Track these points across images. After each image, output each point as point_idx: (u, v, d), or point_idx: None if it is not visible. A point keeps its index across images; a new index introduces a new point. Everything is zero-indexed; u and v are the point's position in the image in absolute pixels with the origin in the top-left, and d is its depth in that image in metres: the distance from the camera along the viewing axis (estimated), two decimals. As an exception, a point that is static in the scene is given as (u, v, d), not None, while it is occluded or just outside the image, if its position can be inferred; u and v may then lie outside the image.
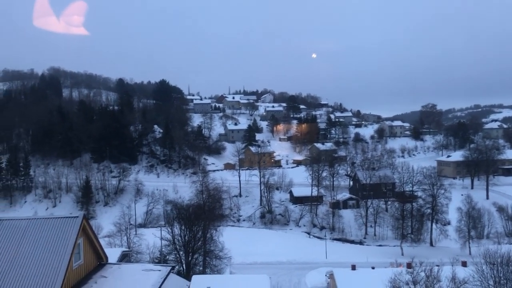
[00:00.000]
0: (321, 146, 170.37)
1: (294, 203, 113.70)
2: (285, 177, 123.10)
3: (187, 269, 57.45)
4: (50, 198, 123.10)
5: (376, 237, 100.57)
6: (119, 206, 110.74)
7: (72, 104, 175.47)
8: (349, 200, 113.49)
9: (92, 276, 22.32)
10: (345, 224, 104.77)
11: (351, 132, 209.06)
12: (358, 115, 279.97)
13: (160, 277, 21.98)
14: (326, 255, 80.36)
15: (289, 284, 64.46)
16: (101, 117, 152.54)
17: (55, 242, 20.74)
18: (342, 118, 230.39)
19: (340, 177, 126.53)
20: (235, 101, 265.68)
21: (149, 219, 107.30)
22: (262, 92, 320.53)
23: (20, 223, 22.25)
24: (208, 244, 62.60)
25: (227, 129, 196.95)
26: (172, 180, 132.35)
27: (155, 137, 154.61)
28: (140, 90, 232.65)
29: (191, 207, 68.93)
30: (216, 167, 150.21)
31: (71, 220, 21.71)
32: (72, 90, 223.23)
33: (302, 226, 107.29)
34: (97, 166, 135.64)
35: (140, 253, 63.81)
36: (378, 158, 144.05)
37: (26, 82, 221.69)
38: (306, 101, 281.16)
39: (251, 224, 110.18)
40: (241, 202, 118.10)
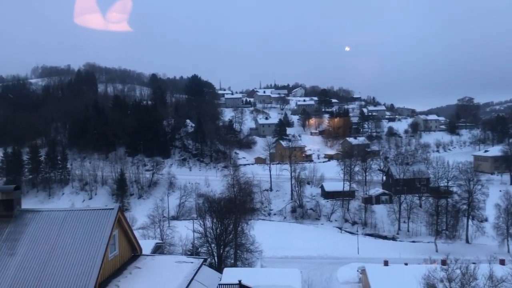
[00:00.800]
0: (354, 141, 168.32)
1: (326, 198, 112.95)
2: (316, 172, 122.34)
3: (219, 262, 58.08)
4: (86, 191, 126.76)
5: (409, 233, 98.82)
6: (152, 198, 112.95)
7: (107, 99, 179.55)
8: (382, 195, 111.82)
9: (126, 267, 22.81)
10: (378, 220, 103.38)
11: (384, 126, 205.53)
12: (392, 109, 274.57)
13: (192, 269, 22.26)
14: (358, 251, 79.63)
15: (320, 278, 64.20)
16: (135, 112, 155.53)
17: (91, 233, 21.29)
18: (375, 112, 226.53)
19: (373, 172, 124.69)
20: (266, 95, 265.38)
21: (182, 212, 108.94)
22: (293, 86, 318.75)
23: (58, 214, 22.92)
24: (239, 237, 63.06)
25: (258, 123, 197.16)
26: (204, 173, 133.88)
27: (187, 132, 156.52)
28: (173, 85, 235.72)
29: (223, 201, 69.57)
30: (246, 161, 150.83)
31: (107, 212, 22.21)
32: (107, 85, 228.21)
33: (333, 221, 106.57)
34: (132, 159, 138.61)
35: (173, 245, 64.91)
36: (412, 153, 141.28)
37: (63, 78, 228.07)
38: (338, 95, 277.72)
39: (282, 218, 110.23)
40: (272, 196, 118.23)
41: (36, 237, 21.47)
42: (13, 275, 19.84)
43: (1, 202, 22.70)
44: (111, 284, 20.55)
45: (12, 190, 23.15)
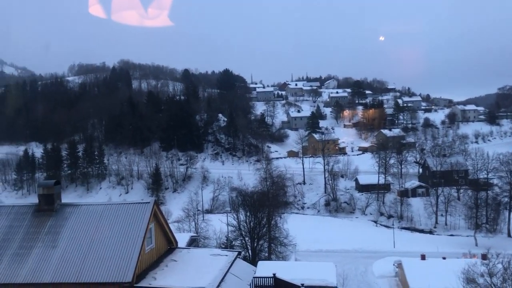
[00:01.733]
0: (388, 133, 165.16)
1: (360, 191, 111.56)
2: (350, 165, 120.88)
3: (253, 255, 58.31)
4: (122, 185, 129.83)
5: (447, 226, 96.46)
6: (187, 192, 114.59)
7: (141, 95, 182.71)
8: (418, 188, 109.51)
9: (163, 260, 23.21)
10: (414, 213, 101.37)
11: (420, 118, 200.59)
12: (428, 99, 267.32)
13: (227, 262, 22.43)
14: (394, 244, 78.31)
15: (355, 272, 63.47)
16: (168, 107, 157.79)
17: (129, 227, 21.74)
18: (411, 103, 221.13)
19: (409, 164, 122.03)
20: (298, 88, 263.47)
21: (215, 205, 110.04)
22: (325, 78, 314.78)
23: (97, 208, 23.53)
24: (273, 230, 63.04)
25: (290, 116, 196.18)
26: (237, 167, 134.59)
27: (220, 126, 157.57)
28: (205, 80, 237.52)
29: (256, 194, 69.70)
30: (279, 154, 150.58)
31: (143, 205, 22.63)
32: (141, 81, 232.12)
33: (368, 215, 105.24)
34: (166, 154, 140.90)
35: (207, 238, 65.59)
36: (450, 144, 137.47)
37: (99, 75, 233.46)
38: (372, 86, 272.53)
39: (316, 211, 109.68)
40: (305, 189, 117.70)
41: (76, 230, 22.12)
42: (55, 266, 20.52)
43: (43, 197, 23.49)
44: (148, 276, 20.93)
45: (53, 185, 23.90)
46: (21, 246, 21.62)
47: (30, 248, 21.43)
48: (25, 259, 21.00)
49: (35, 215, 23.12)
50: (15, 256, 21.17)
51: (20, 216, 23.19)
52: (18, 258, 21.06)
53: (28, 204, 24.82)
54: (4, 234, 22.21)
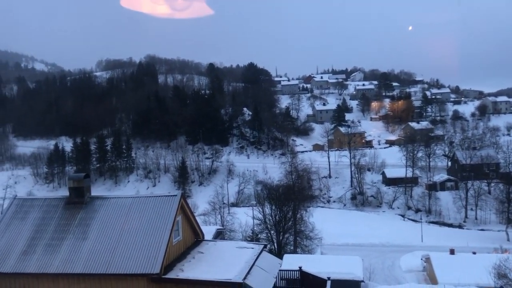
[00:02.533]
0: (416, 125, 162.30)
1: (387, 185, 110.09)
2: (377, 158, 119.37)
3: (278, 248, 58.40)
4: (150, 178, 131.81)
5: (477, 221, 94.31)
6: (212, 185, 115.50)
7: (167, 90, 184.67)
8: (447, 181, 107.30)
9: (190, 252, 23.44)
10: (443, 207, 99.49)
11: (449, 110, 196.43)
12: (457, 91, 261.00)
13: (253, 254, 22.48)
14: (422, 238, 77.08)
15: (382, 266, 62.83)
16: (194, 101, 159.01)
17: (156, 219, 22.04)
18: (439, 95, 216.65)
19: (437, 157, 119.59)
20: (323, 81, 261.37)
21: (241, 199, 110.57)
22: (351, 70, 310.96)
23: (125, 201, 23.92)
24: (299, 224, 62.94)
25: (315, 109, 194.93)
26: (262, 161, 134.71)
27: (245, 120, 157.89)
28: (230, 74, 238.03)
29: (281, 188, 69.66)
30: (304, 148, 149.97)
31: (170, 198, 22.88)
32: (167, 76, 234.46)
33: (395, 208, 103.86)
34: (192, 148, 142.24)
35: (233, 231, 66.02)
36: (480, 137, 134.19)
37: (126, 70, 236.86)
38: (399, 78, 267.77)
39: (342, 205, 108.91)
40: (331, 183, 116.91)
41: (105, 223, 22.56)
42: (86, 257, 20.99)
43: (73, 190, 24.02)
44: (175, 268, 21.19)
45: (83, 178, 24.41)
46: (53, 237, 22.21)
47: (61, 240, 21.99)
48: (57, 250, 21.56)
49: (66, 207, 23.68)
50: (47, 247, 21.76)
51: (52, 208, 23.79)
52: (51, 249, 21.64)
53: (59, 196, 25.45)
54: (37, 226, 22.86)
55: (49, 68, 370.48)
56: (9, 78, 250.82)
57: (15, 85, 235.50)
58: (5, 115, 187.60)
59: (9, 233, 22.64)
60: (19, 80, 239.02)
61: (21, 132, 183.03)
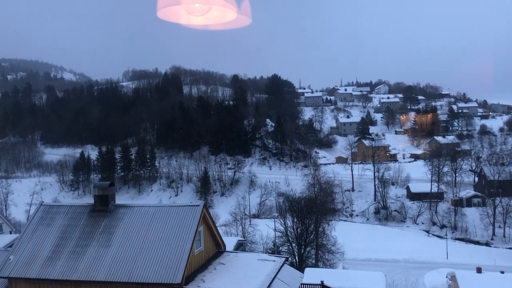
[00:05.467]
0: (442, 139, 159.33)
1: (412, 200, 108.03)
2: (401, 172, 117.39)
3: (300, 261, 57.83)
4: (172, 188, 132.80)
5: (505, 238, 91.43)
6: (234, 196, 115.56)
7: (192, 100, 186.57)
8: (473, 197, 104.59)
9: (211, 262, 23.46)
10: (469, 224, 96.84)
11: (476, 124, 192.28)
12: (485, 105, 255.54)
13: (274, 267, 22.34)
14: (447, 255, 75.18)
15: (405, 283, 61.48)
16: (217, 112, 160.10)
17: (178, 229, 22.16)
18: (466, 109, 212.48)
19: (464, 172, 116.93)
20: (347, 93, 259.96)
21: (262, 210, 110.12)
22: (376, 83, 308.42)
23: (148, 209, 24.19)
24: (320, 237, 62.26)
25: (339, 122, 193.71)
26: (284, 172, 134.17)
27: (267, 131, 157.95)
28: (253, 85, 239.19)
29: (303, 200, 69.15)
30: (327, 160, 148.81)
31: (193, 208, 23.02)
32: (192, 87, 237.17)
33: (420, 224, 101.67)
34: (214, 158, 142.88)
35: (254, 243, 65.72)
36: (509, 153, 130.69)
37: (151, 80, 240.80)
38: (424, 92, 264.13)
39: (365, 219, 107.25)
40: (354, 196, 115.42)
41: (128, 231, 22.81)
42: (109, 265, 21.22)
43: (98, 198, 24.41)
44: (197, 278, 21.20)
45: (107, 187, 24.80)
46: (78, 244, 22.56)
47: (85, 247, 22.30)
48: (81, 257, 21.87)
49: (90, 215, 24.06)
50: (72, 254, 22.11)
51: (77, 215, 24.22)
52: (75, 256, 21.97)
53: (84, 204, 25.90)
54: (62, 233, 23.26)
55: (77, 78, 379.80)
56: (39, 87, 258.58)
57: (44, 94, 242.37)
58: (34, 123, 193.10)
59: (35, 239, 23.11)
60: (48, 89, 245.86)
61: (49, 139, 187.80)
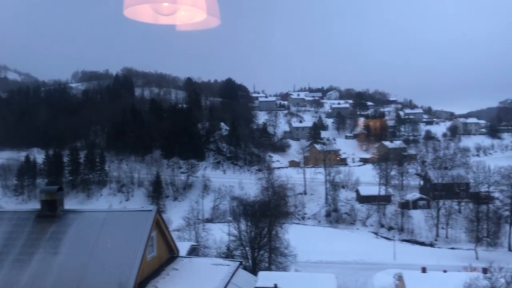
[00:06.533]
0: (390, 144, 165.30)
1: (361, 202, 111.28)
2: (351, 176, 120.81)
3: (253, 265, 58.08)
4: (123, 192, 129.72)
5: (448, 239, 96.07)
6: (187, 201, 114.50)
7: (144, 103, 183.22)
8: (419, 200, 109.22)
9: (164, 268, 23.08)
10: (415, 225, 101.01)
11: (421, 130, 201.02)
12: (429, 112, 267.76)
13: (229, 272, 22.30)
14: (395, 256, 77.94)
15: (355, 284, 63.24)
16: (170, 115, 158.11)
17: (130, 234, 21.64)
18: (412, 115, 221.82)
19: (410, 176, 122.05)
20: (300, 99, 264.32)
21: (216, 214, 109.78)
22: (327, 89, 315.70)
23: (99, 215, 23.43)
24: (274, 241, 62.85)
25: (292, 126, 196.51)
26: (238, 176, 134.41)
27: (222, 135, 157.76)
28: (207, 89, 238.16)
29: (257, 204, 69.63)
30: (280, 164, 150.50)
31: (145, 213, 22.55)
32: (144, 89, 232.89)
33: (369, 226, 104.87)
34: (167, 162, 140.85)
35: (207, 247, 65.36)
36: (451, 157, 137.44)
37: (102, 82, 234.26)
38: (373, 98, 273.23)
39: (316, 222, 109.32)
40: (306, 200, 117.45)
41: (78, 237, 22.02)
42: (56, 273, 20.41)
43: (45, 203, 23.39)
44: (149, 285, 20.82)
45: (56, 191, 23.85)
46: (22, 252, 21.52)
47: (31, 254, 21.33)
48: (26, 265, 20.90)
49: (37, 221, 23.03)
50: (15, 262, 21.06)
51: (22, 221, 23.08)
52: (19, 265, 20.95)
53: (30, 209, 24.74)
54: (6, 240, 22.12)
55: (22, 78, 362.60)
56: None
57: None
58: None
59: (-25, 248, 21.86)
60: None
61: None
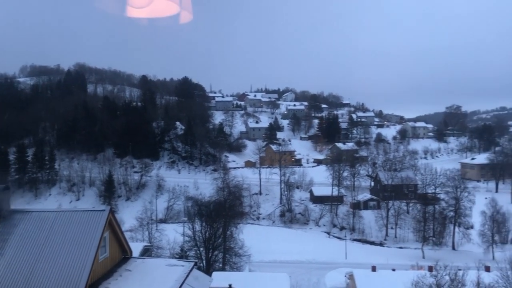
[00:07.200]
0: (342, 146, 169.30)
1: (314, 203, 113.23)
2: (305, 176, 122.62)
3: (207, 266, 57.89)
4: (73, 192, 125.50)
5: (397, 239, 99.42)
6: (141, 201, 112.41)
7: (97, 100, 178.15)
8: (370, 201, 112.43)
9: (117, 269, 22.65)
10: (366, 225, 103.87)
11: (373, 133, 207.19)
12: (380, 115, 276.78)
13: (183, 272, 22.18)
14: (346, 256, 79.92)
15: (308, 283, 64.36)
16: (124, 113, 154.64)
17: (82, 235, 21.10)
18: (364, 118, 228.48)
19: (361, 177, 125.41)
20: (257, 99, 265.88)
21: (170, 215, 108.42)
22: (283, 90, 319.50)
23: (48, 215, 22.66)
24: (228, 241, 62.92)
25: (248, 127, 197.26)
26: (193, 176, 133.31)
27: (177, 134, 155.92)
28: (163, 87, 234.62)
29: (212, 204, 69.38)
30: (236, 164, 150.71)
31: (98, 213, 22.05)
32: (97, 86, 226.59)
33: (322, 226, 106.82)
34: (120, 161, 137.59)
35: (161, 248, 64.57)
36: (400, 159, 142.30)
37: (53, 77, 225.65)
38: (327, 100, 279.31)
39: (271, 222, 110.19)
40: (261, 200, 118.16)
41: (25, 238, 21.23)
42: (1, 276, 19.58)
43: (-10, 202, 22.38)
44: (101, 286, 20.40)
45: (2, 190, 22.86)
46: (-36, 254, 20.51)
47: (-26, 257, 20.36)
48: (-32, 268, 19.92)
49: (-20, 221, 22.00)
50: (-43, 265, 20.05)
51: (-36, 222, 22.00)
52: (-40, 267, 19.95)
53: (-27, 210, 23.57)
54: None
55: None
56: None
57: None
58: None
59: None
60: None
61: None
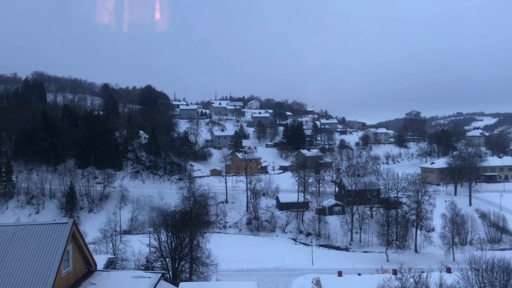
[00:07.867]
0: (307, 153, 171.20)
1: (281, 209, 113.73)
2: (271, 183, 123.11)
3: (174, 277, 57.00)
4: (33, 204, 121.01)
5: (361, 243, 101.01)
6: (104, 212, 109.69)
7: (57, 109, 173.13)
8: (334, 206, 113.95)
9: (81, 283, 22.05)
10: (331, 231, 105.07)
11: (336, 139, 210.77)
12: (343, 122, 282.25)
13: (150, 284, 21.82)
14: (312, 262, 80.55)
15: (275, 290, 64.42)
16: (85, 122, 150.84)
17: (44, 249, 20.44)
18: (328, 125, 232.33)
19: (326, 183, 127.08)
20: (222, 107, 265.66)
21: (134, 226, 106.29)
22: (248, 98, 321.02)
23: (6, 229, 21.84)
24: (195, 251, 62.22)
25: (214, 135, 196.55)
26: (158, 186, 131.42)
27: (141, 143, 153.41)
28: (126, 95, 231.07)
29: (178, 214, 68.51)
30: (202, 173, 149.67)
31: (60, 226, 21.43)
32: (57, 95, 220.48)
33: (288, 233, 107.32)
34: (82, 172, 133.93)
35: (125, 260, 63.14)
36: (363, 165, 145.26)
37: (9, 86, 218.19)
38: (292, 108, 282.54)
39: (238, 230, 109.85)
40: (228, 208, 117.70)
41: (-18, 254, 20.35)
42: (-44, 295, 18.69)
43: None
44: (64, 302, 19.77)
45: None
46: None
47: None
48: None
49: None
50: None
51: None
52: None
53: None
54: None
55: None
56: None
57: None
58: None
59: None
60: None
61: None
